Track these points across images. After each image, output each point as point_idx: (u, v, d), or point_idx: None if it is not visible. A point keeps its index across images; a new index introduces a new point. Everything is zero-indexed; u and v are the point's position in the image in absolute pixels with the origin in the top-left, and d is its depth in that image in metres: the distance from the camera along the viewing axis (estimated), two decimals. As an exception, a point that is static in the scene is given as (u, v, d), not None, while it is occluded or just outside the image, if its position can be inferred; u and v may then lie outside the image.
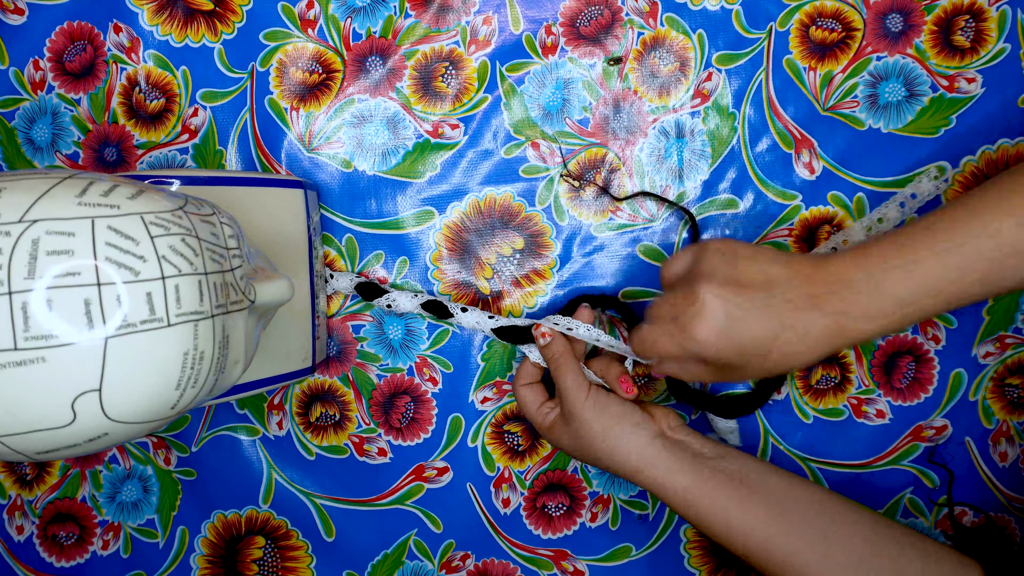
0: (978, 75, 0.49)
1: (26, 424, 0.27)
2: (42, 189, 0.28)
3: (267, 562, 0.53)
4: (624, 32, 0.50)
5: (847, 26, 0.50)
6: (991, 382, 0.51)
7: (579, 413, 0.44)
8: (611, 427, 0.43)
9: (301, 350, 0.47)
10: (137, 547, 0.54)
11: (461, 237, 0.52)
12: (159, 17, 0.51)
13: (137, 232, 0.28)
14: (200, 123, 0.51)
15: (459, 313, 0.49)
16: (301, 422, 0.53)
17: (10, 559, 0.54)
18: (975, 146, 0.49)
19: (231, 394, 0.42)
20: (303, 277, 0.47)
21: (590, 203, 0.51)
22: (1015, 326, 0.51)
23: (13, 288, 0.26)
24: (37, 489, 0.54)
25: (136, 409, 0.29)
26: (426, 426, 0.53)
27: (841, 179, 0.50)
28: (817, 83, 0.50)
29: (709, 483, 0.42)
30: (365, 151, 0.51)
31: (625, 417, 0.44)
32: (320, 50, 0.51)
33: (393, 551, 0.53)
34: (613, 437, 0.43)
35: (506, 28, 0.51)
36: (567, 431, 0.45)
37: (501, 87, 0.51)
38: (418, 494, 0.53)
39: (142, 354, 0.28)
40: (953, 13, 0.49)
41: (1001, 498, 0.52)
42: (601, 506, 0.53)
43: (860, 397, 0.51)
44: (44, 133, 0.52)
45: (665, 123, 0.51)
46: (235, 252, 0.34)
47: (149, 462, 0.53)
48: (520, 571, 0.53)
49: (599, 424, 0.43)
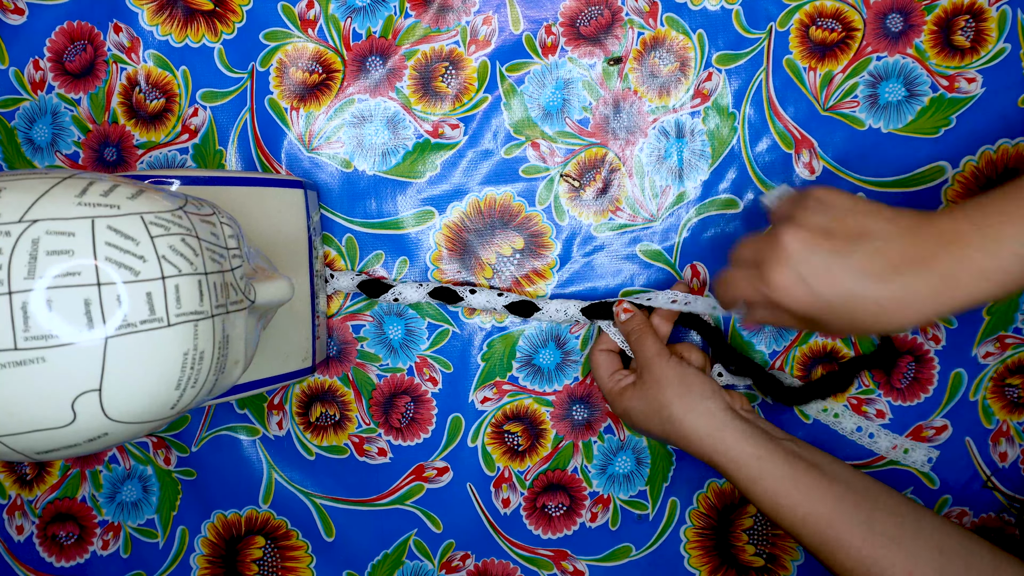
0: (978, 75, 0.49)
1: (26, 424, 0.27)
2: (42, 189, 0.28)
3: (267, 562, 0.53)
4: (624, 32, 0.50)
5: (847, 26, 0.50)
6: (991, 382, 0.51)
7: (659, 373, 0.44)
8: (688, 390, 0.44)
9: (301, 350, 0.47)
10: (137, 547, 0.54)
11: (461, 237, 0.52)
12: (159, 17, 0.51)
13: (137, 232, 0.28)
14: (200, 123, 0.51)
15: (468, 295, 0.49)
16: (301, 422, 0.53)
17: (10, 559, 0.54)
18: (975, 146, 0.49)
19: (231, 394, 0.42)
20: (303, 277, 0.47)
21: (590, 203, 0.51)
22: (1015, 326, 0.51)
23: (13, 288, 0.26)
24: (37, 489, 0.54)
25: (136, 409, 0.29)
26: (426, 426, 0.53)
27: (841, 179, 0.50)
28: (817, 83, 0.50)
29: (778, 457, 0.41)
30: (365, 151, 0.51)
31: (704, 384, 0.44)
32: (320, 50, 0.51)
33: (393, 551, 0.53)
34: (689, 399, 0.43)
35: (506, 28, 0.51)
36: (642, 395, 0.45)
37: (501, 87, 0.51)
38: (418, 494, 0.53)
39: (142, 354, 0.28)
40: (953, 13, 0.49)
41: (1001, 498, 0.52)
42: (601, 506, 0.53)
43: (860, 397, 0.51)
44: (44, 133, 0.52)
45: (665, 123, 0.51)
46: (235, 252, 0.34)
47: (149, 462, 0.53)
48: (520, 571, 0.53)
49: (677, 387, 0.44)
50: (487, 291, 0.49)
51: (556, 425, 0.52)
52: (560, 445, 0.53)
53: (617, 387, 0.47)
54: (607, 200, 0.51)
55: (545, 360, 0.52)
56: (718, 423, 0.43)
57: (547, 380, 0.52)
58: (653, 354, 0.45)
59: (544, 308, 0.49)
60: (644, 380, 0.45)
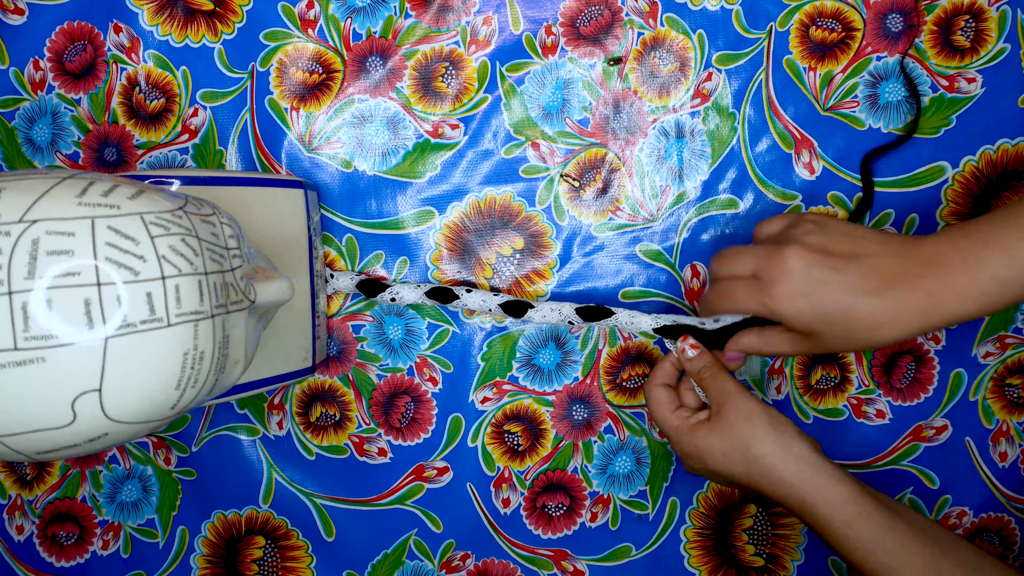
0: (978, 75, 0.49)
1: (26, 424, 0.27)
2: (42, 189, 0.28)
3: (267, 562, 0.53)
4: (624, 32, 0.50)
5: (847, 26, 0.50)
6: (991, 382, 0.51)
7: (746, 410, 0.42)
8: (778, 430, 0.42)
9: (301, 350, 0.47)
10: (137, 547, 0.54)
11: (461, 237, 0.52)
12: (159, 17, 0.51)
13: (137, 232, 0.28)
14: (200, 123, 0.51)
15: (464, 294, 0.49)
16: (301, 422, 0.53)
17: (10, 559, 0.54)
18: (975, 146, 0.49)
19: (231, 394, 0.42)
20: (303, 277, 0.47)
21: (590, 203, 0.51)
22: (1015, 326, 0.51)
23: (13, 288, 0.26)
24: (37, 489, 0.54)
25: (136, 409, 0.29)
26: (426, 426, 0.53)
27: (841, 179, 0.50)
28: (817, 83, 0.50)
29: (870, 502, 0.40)
30: (365, 151, 0.51)
31: (790, 422, 0.43)
32: (320, 50, 0.51)
33: (393, 551, 0.53)
34: (780, 440, 0.41)
35: (506, 28, 0.51)
36: (722, 432, 0.42)
37: (501, 87, 0.51)
38: (418, 494, 0.53)
39: (142, 354, 0.28)
40: (953, 13, 0.49)
41: (1001, 498, 0.52)
42: (601, 506, 0.53)
43: (860, 397, 0.51)
44: (44, 133, 0.52)
45: (665, 123, 0.51)
46: (235, 252, 0.34)
47: (149, 462, 0.53)
48: (520, 571, 0.53)
49: (767, 426, 0.42)
50: (483, 292, 0.49)
51: (556, 425, 0.52)
52: (560, 445, 0.53)
53: (686, 424, 0.44)
54: (607, 200, 0.51)
55: (545, 360, 0.52)
56: (812, 465, 0.41)
57: (547, 380, 0.52)
58: (734, 390, 0.43)
59: (538, 307, 0.48)
60: (725, 417, 0.42)
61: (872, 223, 0.50)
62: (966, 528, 0.52)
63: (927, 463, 0.52)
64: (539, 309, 0.48)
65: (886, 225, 0.50)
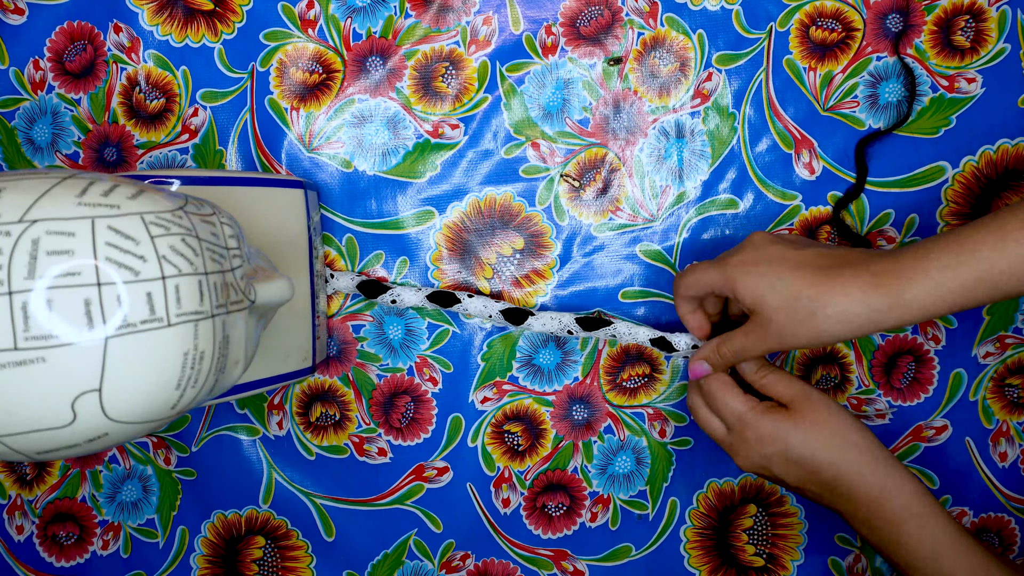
0: (978, 75, 0.49)
1: (26, 424, 0.27)
2: (42, 189, 0.28)
3: (267, 562, 0.53)
4: (624, 32, 0.50)
5: (847, 26, 0.50)
6: (991, 382, 0.51)
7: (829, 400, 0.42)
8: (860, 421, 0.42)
9: (301, 350, 0.47)
10: (137, 547, 0.54)
11: (461, 237, 0.52)
12: (159, 17, 0.51)
13: (137, 232, 0.28)
14: (200, 123, 0.51)
15: (465, 299, 0.49)
16: (301, 422, 0.53)
17: (10, 559, 0.54)
18: (975, 146, 0.49)
19: (231, 394, 0.42)
20: (303, 277, 0.47)
21: (590, 203, 0.51)
22: (1015, 326, 0.51)
23: (13, 288, 0.26)
24: (37, 489, 0.54)
25: (136, 409, 0.29)
26: (426, 426, 0.53)
27: (841, 179, 0.50)
28: (817, 83, 0.50)
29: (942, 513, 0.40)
30: (365, 151, 0.51)
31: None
32: (320, 50, 0.51)
33: (393, 551, 0.53)
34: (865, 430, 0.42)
35: (506, 28, 0.51)
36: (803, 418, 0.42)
37: (501, 87, 0.51)
38: (418, 494, 0.53)
39: (142, 354, 0.28)
40: (953, 13, 0.49)
41: (1001, 498, 0.52)
42: (601, 506, 0.53)
43: (860, 397, 0.51)
44: (44, 133, 0.52)
45: (665, 123, 0.51)
46: (235, 252, 0.34)
47: (149, 462, 0.53)
48: (520, 571, 0.53)
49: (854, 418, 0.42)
50: (484, 297, 0.49)
51: (556, 425, 0.52)
52: (560, 445, 0.53)
53: (761, 406, 0.43)
54: (607, 200, 0.51)
55: (545, 360, 0.52)
56: (891, 458, 0.41)
57: (547, 380, 0.52)
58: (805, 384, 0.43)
59: (538, 315, 0.49)
60: (814, 403, 0.42)
61: (872, 223, 0.50)
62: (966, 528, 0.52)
63: (927, 463, 0.52)
64: (539, 317, 0.49)
65: (886, 225, 0.50)
